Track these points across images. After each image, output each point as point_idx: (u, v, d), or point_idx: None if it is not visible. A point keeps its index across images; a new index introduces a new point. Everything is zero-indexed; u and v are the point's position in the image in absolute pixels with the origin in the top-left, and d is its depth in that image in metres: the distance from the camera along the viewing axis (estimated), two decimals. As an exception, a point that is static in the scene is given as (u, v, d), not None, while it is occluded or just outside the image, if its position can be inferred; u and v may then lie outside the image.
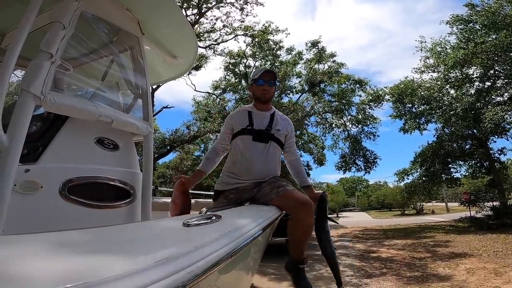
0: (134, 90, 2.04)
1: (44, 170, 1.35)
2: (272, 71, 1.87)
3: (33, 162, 1.34)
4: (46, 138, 1.44)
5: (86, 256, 0.43)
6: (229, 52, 14.05)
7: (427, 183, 14.03)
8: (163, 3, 2.01)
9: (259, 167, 1.72)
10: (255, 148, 1.73)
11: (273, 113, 1.85)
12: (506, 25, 10.16)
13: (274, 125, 1.80)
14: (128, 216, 1.69)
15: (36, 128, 1.51)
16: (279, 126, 1.82)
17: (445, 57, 12.13)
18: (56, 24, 1.34)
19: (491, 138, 12.42)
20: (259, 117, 1.81)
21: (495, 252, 5.84)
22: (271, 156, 1.77)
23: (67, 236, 0.55)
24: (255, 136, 1.74)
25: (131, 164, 1.84)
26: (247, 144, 1.74)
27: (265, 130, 1.77)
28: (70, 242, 0.51)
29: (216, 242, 0.63)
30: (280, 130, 1.81)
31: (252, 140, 1.74)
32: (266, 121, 1.80)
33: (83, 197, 1.45)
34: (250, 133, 1.75)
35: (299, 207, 1.55)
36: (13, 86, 2.28)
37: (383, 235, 10.38)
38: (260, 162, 1.73)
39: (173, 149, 14.49)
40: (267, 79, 1.79)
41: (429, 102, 13.50)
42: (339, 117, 14.36)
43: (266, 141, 1.75)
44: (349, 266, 5.52)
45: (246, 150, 1.74)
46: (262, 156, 1.74)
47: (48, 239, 0.50)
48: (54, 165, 1.39)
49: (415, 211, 26.26)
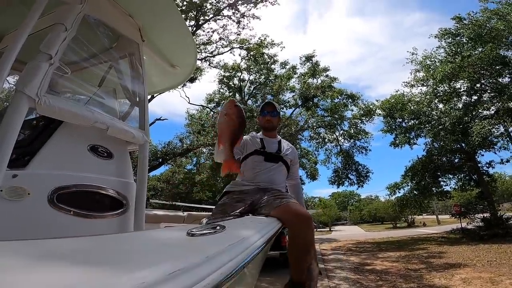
0: (132, 97, 1.99)
1: (33, 176, 1.27)
2: (270, 102, 2.09)
3: (22, 167, 1.26)
4: (37, 143, 1.36)
5: (84, 267, 0.37)
6: (224, 65, 14.18)
7: (418, 196, 14.19)
8: (166, 12, 2.01)
9: (265, 175, 1.86)
10: (265, 165, 1.90)
11: (280, 140, 2.08)
12: (492, 38, 10.43)
13: (283, 149, 2.01)
14: (119, 227, 1.60)
15: (28, 132, 1.44)
16: (287, 152, 2.02)
17: (433, 71, 12.42)
18: (58, 26, 1.31)
19: (479, 152, 12.73)
20: (269, 142, 2.00)
21: (489, 261, 5.87)
22: (278, 171, 1.93)
23: (59, 244, 0.49)
24: (267, 157, 1.92)
25: (125, 173, 1.77)
26: (259, 162, 1.91)
27: (275, 153, 1.96)
28: (63, 251, 0.45)
29: (226, 253, 0.58)
30: (288, 155, 2.01)
31: (264, 160, 1.91)
32: (275, 146, 2.00)
33: (73, 205, 1.36)
34: (262, 154, 1.93)
35: (298, 220, 1.51)
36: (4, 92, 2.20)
37: (376, 248, 10.32)
38: (267, 172, 1.88)
39: (165, 162, 14.29)
40: (269, 110, 2.03)
41: (419, 117, 13.83)
42: (332, 132, 14.53)
43: (276, 162, 1.94)
44: (344, 279, 5.41)
45: (256, 166, 1.90)
46: (269, 170, 1.90)
47: (39, 247, 0.44)
48: (43, 172, 1.31)
49: (407, 224, 26.35)
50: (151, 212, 3.85)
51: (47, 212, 1.26)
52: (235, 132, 1.48)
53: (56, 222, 1.30)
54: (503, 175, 32.23)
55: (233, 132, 1.47)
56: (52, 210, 1.28)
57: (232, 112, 1.48)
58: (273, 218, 1.48)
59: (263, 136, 2.05)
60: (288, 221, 1.51)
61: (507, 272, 4.70)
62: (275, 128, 2.09)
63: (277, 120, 2.09)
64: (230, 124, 1.47)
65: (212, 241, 0.69)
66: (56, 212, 1.29)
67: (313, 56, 14.08)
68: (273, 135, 2.08)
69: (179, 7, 9.24)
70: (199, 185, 16.63)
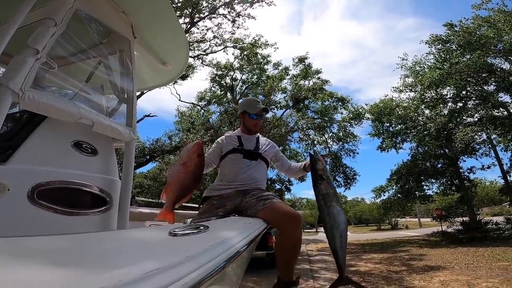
0: (120, 94, 1.97)
1: (14, 171, 1.24)
2: (267, 108, 2.07)
3: (2, 162, 1.22)
4: (19, 137, 1.33)
5: (62, 266, 0.37)
6: (217, 64, 14.11)
7: (402, 200, 14.50)
8: (160, 9, 1.99)
9: (244, 174, 1.83)
10: (244, 163, 1.86)
11: (258, 137, 2.04)
12: (480, 45, 10.51)
13: (261, 146, 1.99)
14: (102, 225, 1.58)
15: (10, 126, 1.40)
16: (266, 148, 2.00)
17: (422, 76, 12.60)
18: (48, 21, 1.29)
19: (461, 158, 13.16)
20: (247, 140, 1.98)
21: (466, 264, 6.05)
22: (257, 168, 1.89)
23: (37, 242, 0.49)
24: (245, 155, 1.89)
25: (110, 170, 1.74)
26: (237, 160, 1.88)
27: (253, 150, 1.93)
28: (40, 249, 0.45)
29: (207, 252, 0.59)
30: (267, 151, 1.99)
31: (242, 157, 1.88)
32: (254, 143, 1.98)
33: (54, 202, 1.34)
34: (240, 152, 1.90)
35: (286, 220, 1.52)
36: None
37: (361, 249, 10.51)
38: (246, 171, 1.84)
39: (152, 159, 14.10)
40: (260, 114, 1.98)
41: (405, 122, 14.15)
42: (321, 134, 14.68)
43: (255, 159, 1.90)
44: (329, 280, 5.48)
45: (235, 164, 1.86)
46: (249, 167, 1.86)
47: (16, 245, 0.44)
48: (24, 167, 1.28)
49: (391, 226, 26.98)
50: (136, 210, 3.81)
51: (27, 209, 1.23)
52: (185, 190, 1.33)
53: (36, 219, 1.27)
54: (483, 181, 33.43)
55: (182, 190, 1.33)
56: (32, 207, 1.25)
57: (193, 163, 1.34)
58: (259, 219, 1.49)
59: (241, 133, 2.01)
60: (277, 222, 1.51)
61: (483, 275, 4.85)
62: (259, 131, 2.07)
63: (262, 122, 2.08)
64: (181, 179, 1.33)
65: (193, 241, 0.70)
66: (36, 209, 1.26)
67: (306, 58, 14.20)
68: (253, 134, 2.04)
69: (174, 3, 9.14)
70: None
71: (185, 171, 1.34)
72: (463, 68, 10.83)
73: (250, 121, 1.99)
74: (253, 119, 1.97)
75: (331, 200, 1.47)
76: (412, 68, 13.80)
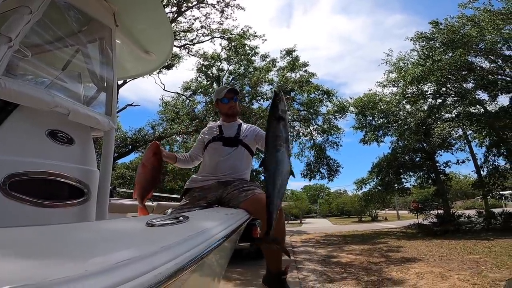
0: (99, 82, 1.89)
1: (-17, 162, 1.17)
2: (234, 89, 2.06)
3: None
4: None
5: (31, 256, 0.36)
6: (204, 54, 13.83)
7: (382, 192, 15.02)
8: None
9: (225, 163, 1.81)
10: (224, 151, 1.85)
11: (240, 123, 2.02)
12: (463, 44, 10.75)
13: (242, 132, 1.95)
14: (79, 217, 1.53)
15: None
16: (247, 133, 1.95)
17: (405, 72, 12.87)
18: (23, 8, 1.23)
19: (438, 152, 13.75)
20: (228, 127, 1.97)
21: (440, 256, 6.38)
22: (238, 155, 1.87)
23: (9, 234, 0.47)
24: (225, 142, 1.88)
25: (87, 160, 1.68)
26: (218, 148, 1.87)
27: (234, 137, 1.91)
28: (12, 240, 0.43)
29: (184, 243, 0.59)
30: (248, 136, 1.94)
31: (222, 145, 1.87)
32: (234, 130, 1.96)
33: (28, 194, 1.28)
34: (220, 140, 1.89)
35: None
36: None
37: (342, 241, 10.84)
38: (226, 160, 1.82)
39: (135, 149, 13.76)
40: (231, 97, 1.98)
41: (387, 116, 14.54)
42: (306, 126, 14.83)
43: (235, 145, 1.88)
44: (312, 271, 5.65)
45: (215, 153, 1.86)
46: (229, 155, 1.84)
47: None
48: (-5, 157, 1.22)
49: (371, 218, 27.93)
50: (117, 201, 3.73)
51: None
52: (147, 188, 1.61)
53: (9, 212, 1.22)
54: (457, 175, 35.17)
55: (144, 188, 1.61)
56: (5, 199, 1.20)
57: (150, 162, 1.60)
58: (241, 210, 1.50)
59: (222, 122, 2.02)
60: (259, 213, 1.49)
61: (455, 268, 5.13)
62: (238, 114, 2.07)
63: (238, 105, 2.07)
64: (141, 179, 1.59)
65: (171, 232, 0.69)
66: (9, 201, 1.21)
67: (294, 50, 14.16)
68: (233, 119, 2.04)
69: (161, -9, 8.80)
70: (171, 174, 16.23)
71: (144, 171, 1.58)
72: (444, 65, 11.10)
73: (224, 106, 1.99)
74: (226, 103, 1.98)
75: (282, 144, 1.31)
76: (396, 64, 14.08)
